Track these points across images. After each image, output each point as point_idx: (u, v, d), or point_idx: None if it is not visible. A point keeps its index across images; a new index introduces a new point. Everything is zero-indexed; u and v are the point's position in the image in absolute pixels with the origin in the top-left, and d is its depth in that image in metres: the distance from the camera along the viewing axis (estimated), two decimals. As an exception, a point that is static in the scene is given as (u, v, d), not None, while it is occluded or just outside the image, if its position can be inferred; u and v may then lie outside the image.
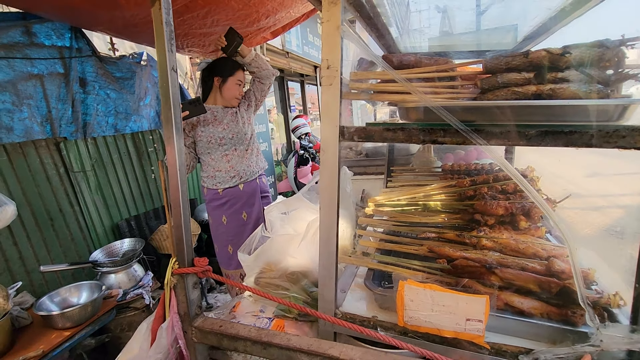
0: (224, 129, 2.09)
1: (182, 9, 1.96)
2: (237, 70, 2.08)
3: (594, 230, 3.36)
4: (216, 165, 2.10)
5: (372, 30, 1.22)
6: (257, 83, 2.21)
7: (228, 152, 2.12)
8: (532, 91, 0.71)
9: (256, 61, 2.12)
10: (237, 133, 2.13)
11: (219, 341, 0.96)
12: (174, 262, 0.93)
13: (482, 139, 0.70)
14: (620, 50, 0.66)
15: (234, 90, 2.08)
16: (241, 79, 2.11)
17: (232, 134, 2.11)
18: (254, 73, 2.15)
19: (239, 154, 2.15)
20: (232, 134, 2.11)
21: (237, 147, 2.14)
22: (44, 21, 2.20)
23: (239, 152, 2.15)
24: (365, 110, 6.36)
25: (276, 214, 1.41)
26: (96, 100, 2.53)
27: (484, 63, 0.79)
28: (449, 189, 1.38)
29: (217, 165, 2.10)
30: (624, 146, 0.63)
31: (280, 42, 5.04)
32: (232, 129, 2.11)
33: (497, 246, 1.04)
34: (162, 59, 0.85)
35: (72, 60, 2.36)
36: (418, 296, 0.82)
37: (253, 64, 2.12)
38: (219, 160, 2.11)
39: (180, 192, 0.91)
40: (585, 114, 0.67)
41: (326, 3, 0.76)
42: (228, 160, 2.12)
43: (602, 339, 0.69)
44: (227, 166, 2.11)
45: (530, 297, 0.84)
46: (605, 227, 3.45)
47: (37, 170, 2.08)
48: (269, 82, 2.22)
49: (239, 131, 2.13)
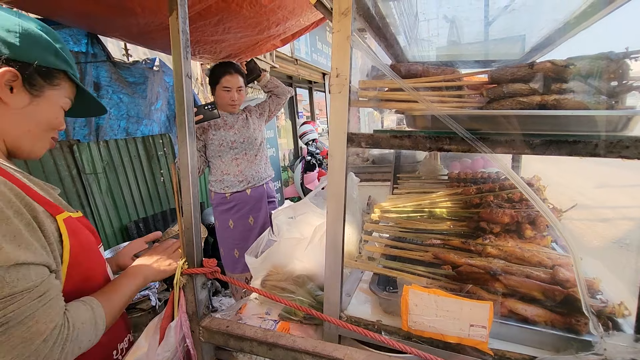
0: (236, 133, 2.14)
1: (195, 17, 2.02)
2: (222, 77, 2.12)
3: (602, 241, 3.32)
4: (225, 169, 2.14)
5: (381, 39, 1.25)
6: (273, 97, 2.35)
7: (238, 156, 2.16)
8: (536, 101, 0.72)
9: (271, 82, 2.29)
10: (248, 138, 2.17)
11: (226, 341, 0.97)
12: (183, 262, 0.96)
13: (487, 147, 0.71)
14: (624, 62, 0.68)
15: (224, 97, 2.13)
16: (228, 85, 2.12)
17: (243, 138, 2.15)
18: (271, 91, 2.30)
19: (248, 159, 2.19)
20: (243, 138, 2.15)
21: (247, 152, 2.18)
22: (62, 27, 2.28)
23: (248, 157, 2.19)
24: (372, 117, 6.40)
25: (283, 218, 1.43)
26: (109, 104, 2.60)
27: (489, 73, 0.81)
28: (455, 196, 1.39)
29: (226, 169, 2.14)
30: (627, 156, 0.64)
31: (289, 50, 5.12)
32: (243, 133, 2.16)
33: (502, 254, 1.05)
34: (177, 66, 0.88)
35: (88, 65, 2.44)
36: (422, 301, 0.83)
37: (269, 85, 2.29)
38: (229, 164, 2.15)
39: (192, 194, 0.93)
40: (589, 124, 0.68)
41: (337, 14, 0.78)
42: (237, 165, 2.15)
43: (605, 348, 0.70)
44: (236, 170, 2.15)
45: (535, 304, 0.84)
46: (615, 239, 3.41)
47: (50, 171, 2.14)
48: (284, 98, 2.37)
49: (250, 136, 2.18)
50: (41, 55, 0.75)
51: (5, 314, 0.60)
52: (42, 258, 0.67)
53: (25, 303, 0.63)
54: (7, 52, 0.71)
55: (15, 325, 0.62)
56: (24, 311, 0.63)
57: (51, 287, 0.68)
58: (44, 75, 0.77)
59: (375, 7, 0.96)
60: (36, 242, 0.67)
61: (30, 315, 0.63)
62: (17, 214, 0.65)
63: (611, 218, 4.35)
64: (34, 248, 0.66)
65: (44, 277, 0.67)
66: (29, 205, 0.68)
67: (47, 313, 0.66)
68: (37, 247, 0.67)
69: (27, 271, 0.64)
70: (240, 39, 2.49)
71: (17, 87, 0.73)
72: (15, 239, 0.63)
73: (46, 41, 0.77)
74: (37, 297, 0.65)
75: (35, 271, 0.66)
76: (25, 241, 0.64)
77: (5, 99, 0.72)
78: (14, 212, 0.65)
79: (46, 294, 0.66)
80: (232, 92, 2.13)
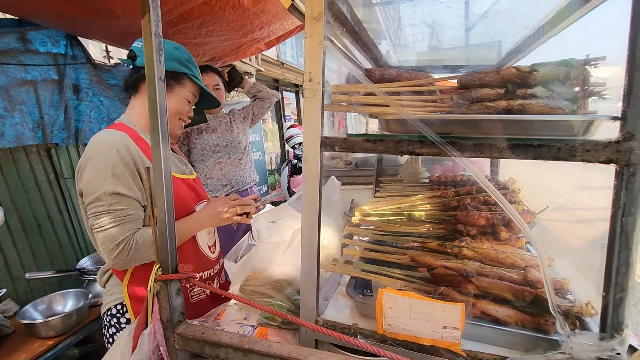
0: (219, 136, 2.12)
1: (177, 19, 2.00)
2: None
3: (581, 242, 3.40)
4: (208, 173, 2.12)
5: (358, 44, 1.26)
6: (257, 100, 2.33)
7: (222, 160, 2.14)
8: (503, 106, 0.74)
9: (254, 87, 2.29)
10: (232, 141, 2.15)
11: (201, 348, 0.96)
12: (157, 268, 0.94)
13: (456, 151, 0.72)
14: (584, 69, 0.70)
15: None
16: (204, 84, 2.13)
17: (226, 142, 2.13)
18: (255, 95, 2.29)
19: (232, 163, 2.17)
20: (226, 142, 2.13)
21: (230, 156, 2.16)
22: (40, 28, 2.22)
23: (232, 161, 2.17)
24: (359, 119, 6.44)
25: (263, 223, 1.42)
26: (89, 107, 2.54)
27: (458, 79, 0.83)
28: (433, 199, 1.41)
29: (210, 173, 2.12)
30: (588, 160, 0.66)
31: (275, 53, 5.12)
32: (226, 137, 2.14)
33: (477, 256, 1.06)
34: (150, 70, 0.87)
35: (67, 67, 2.38)
36: (397, 304, 0.84)
37: (252, 90, 2.29)
38: (212, 168, 2.12)
39: (166, 199, 0.92)
40: (553, 129, 0.70)
41: (309, 19, 0.79)
42: (221, 168, 2.13)
43: (572, 347, 0.71)
44: (219, 174, 2.12)
45: (506, 305, 0.86)
46: (592, 240, 3.50)
47: (26, 176, 2.08)
48: (269, 102, 2.36)
49: (234, 139, 2.16)
50: (170, 64, 1.13)
51: (102, 216, 1.02)
52: (134, 194, 1.05)
53: (115, 216, 1.02)
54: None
55: (105, 224, 1.02)
56: (112, 220, 1.02)
57: (134, 214, 1.05)
58: (173, 77, 1.18)
59: (351, 12, 0.97)
60: (134, 184, 1.05)
61: (115, 225, 1.02)
62: (126, 164, 1.04)
63: (590, 219, 4.47)
64: (130, 187, 1.04)
65: (131, 205, 1.05)
66: (139, 160, 1.06)
67: (125, 227, 1.03)
68: (132, 186, 1.05)
69: (120, 199, 1.03)
70: (224, 42, 2.48)
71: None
72: (116, 177, 1.02)
73: (174, 54, 1.17)
74: (122, 216, 1.03)
75: (127, 201, 1.04)
76: (124, 181, 1.03)
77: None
78: (124, 162, 1.03)
79: (128, 216, 1.04)
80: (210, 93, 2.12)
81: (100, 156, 1.03)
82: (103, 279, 1.21)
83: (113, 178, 1.02)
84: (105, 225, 1.03)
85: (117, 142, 1.05)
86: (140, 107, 1.23)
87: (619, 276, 0.69)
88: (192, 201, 1.25)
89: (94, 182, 1.02)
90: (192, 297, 1.24)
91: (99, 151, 1.04)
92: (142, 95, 1.22)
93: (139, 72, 1.20)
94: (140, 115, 1.23)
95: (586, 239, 3.58)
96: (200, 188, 1.35)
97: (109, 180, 1.01)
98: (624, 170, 0.64)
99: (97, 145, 1.05)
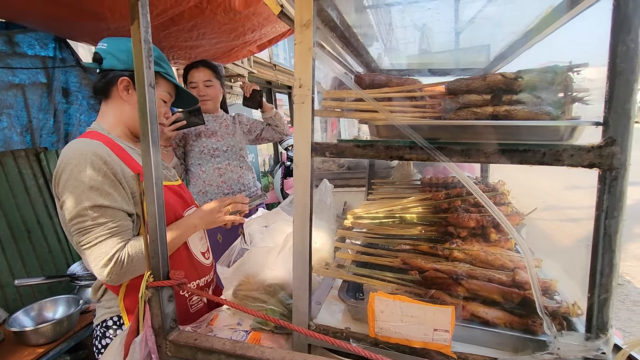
0: (218, 140, 2.00)
1: (167, 22, 2.00)
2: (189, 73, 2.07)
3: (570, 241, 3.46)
4: (207, 179, 2.00)
5: (349, 49, 1.27)
6: (270, 129, 2.21)
7: (221, 166, 2.01)
8: (489, 112, 0.76)
9: (274, 119, 2.16)
10: (233, 146, 2.02)
11: (194, 355, 0.95)
12: (148, 275, 0.93)
13: (444, 156, 0.74)
14: (567, 75, 0.72)
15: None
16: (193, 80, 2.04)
17: (227, 146, 2.01)
18: (269, 125, 2.18)
19: (232, 169, 2.04)
20: (227, 146, 2.01)
21: (231, 162, 2.03)
22: (28, 31, 2.20)
23: (232, 167, 2.04)
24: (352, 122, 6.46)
25: (256, 227, 1.42)
26: (79, 111, 2.52)
27: (446, 85, 0.84)
28: (425, 201, 1.42)
29: (208, 179, 2.00)
30: (572, 164, 0.68)
31: (267, 55, 5.12)
32: (227, 141, 2.01)
33: (468, 258, 1.08)
34: (140, 76, 0.87)
35: (56, 70, 2.36)
36: (388, 307, 0.84)
37: (272, 120, 2.16)
38: (211, 174, 2.00)
39: (156, 205, 0.91)
40: (538, 134, 0.71)
41: (299, 26, 0.79)
42: (221, 175, 2.01)
43: (559, 347, 0.73)
44: (219, 181, 2.00)
45: (495, 307, 0.87)
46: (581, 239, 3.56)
47: (15, 180, 2.05)
48: (278, 138, 2.25)
49: (235, 145, 2.03)
50: None
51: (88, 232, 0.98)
52: (117, 204, 1.00)
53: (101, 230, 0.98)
54: (121, 66, 1.12)
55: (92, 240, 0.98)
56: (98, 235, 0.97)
57: (120, 224, 1.01)
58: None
59: (340, 18, 0.98)
60: (116, 194, 1.01)
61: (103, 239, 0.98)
62: (104, 174, 0.99)
63: (579, 218, 4.55)
64: (111, 197, 0.99)
65: (116, 217, 1.00)
66: (118, 169, 1.02)
67: (113, 240, 0.99)
68: (115, 196, 1.00)
69: (103, 211, 0.98)
70: (216, 44, 2.47)
71: (131, 89, 1.13)
72: (93, 189, 0.97)
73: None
74: (109, 229, 0.98)
75: (110, 212, 0.99)
76: (104, 192, 0.98)
77: (125, 98, 1.14)
78: (101, 173, 0.99)
79: (115, 228, 0.99)
80: (199, 86, 2.01)
81: (75, 168, 0.97)
82: (98, 294, 1.17)
83: (91, 191, 0.97)
84: (92, 241, 0.98)
85: (91, 152, 0.99)
86: (113, 113, 1.16)
87: (603, 277, 0.70)
88: (180, 208, 1.23)
89: (72, 197, 0.97)
90: (191, 307, 1.23)
91: (74, 163, 0.98)
92: (114, 100, 1.15)
93: (107, 75, 1.13)
94: (115, 121, 1.16)
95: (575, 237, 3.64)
96: (186, 194, 1.32)
97: (86, 193, 0.96)
98: (607, 174, 0.65)
99: (71, 157, 0.99)
